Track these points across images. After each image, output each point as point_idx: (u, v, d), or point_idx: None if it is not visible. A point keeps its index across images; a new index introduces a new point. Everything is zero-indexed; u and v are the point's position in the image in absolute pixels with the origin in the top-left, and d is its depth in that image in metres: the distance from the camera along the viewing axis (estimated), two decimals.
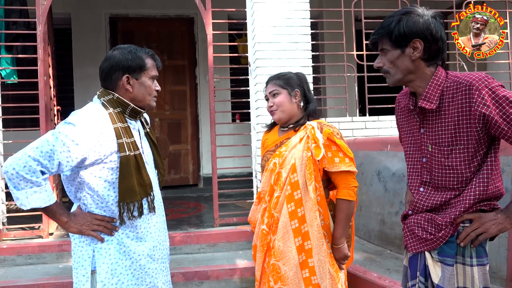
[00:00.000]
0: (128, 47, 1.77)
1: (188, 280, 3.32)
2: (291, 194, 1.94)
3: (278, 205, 1.97)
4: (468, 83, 1.46)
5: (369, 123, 4.34)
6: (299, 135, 2.00)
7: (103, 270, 1.68)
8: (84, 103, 1.83)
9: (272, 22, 3.98)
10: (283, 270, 1.92)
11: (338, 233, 1.96)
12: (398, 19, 1.52)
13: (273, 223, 1.97)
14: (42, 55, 3.87)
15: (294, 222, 1.93)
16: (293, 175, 1.94)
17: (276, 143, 2.09)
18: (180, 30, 6.82)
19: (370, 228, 3.33)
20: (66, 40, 6.63)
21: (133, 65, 1.73)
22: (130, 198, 1.67)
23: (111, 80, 1.75)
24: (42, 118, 3.83)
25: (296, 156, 1.95)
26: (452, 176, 1.50)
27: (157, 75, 1.82)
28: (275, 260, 1.95)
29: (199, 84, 6.84)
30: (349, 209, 1.97)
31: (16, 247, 3.60)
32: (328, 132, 1.96)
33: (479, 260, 1.49)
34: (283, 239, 1.94)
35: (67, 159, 1.58)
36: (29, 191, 1.56)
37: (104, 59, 1.79)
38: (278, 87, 2.06)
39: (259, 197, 2.11)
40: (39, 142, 1.57)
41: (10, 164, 1.54)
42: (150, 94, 1.79)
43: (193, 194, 6.29)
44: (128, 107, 1.75)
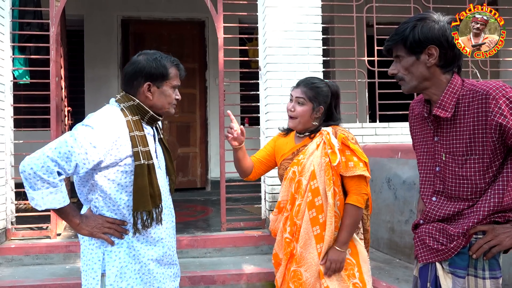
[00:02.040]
0: (154, 54, 1.77)
1: (194, 284, 3.30)
2: (312, 200, 1.93)
3: (300, 212, 1.97)
4: (485, 92, 1.43)
5: (380, 130, 4.30)
6: (315, 141, 2.00)
7: (113, 273, 1.67)
8: (95, 104, 1.84)
9: (283, 26, 3.97)
10: (304, 276, 1.93)
11: (343, 237, 1.93)
12: (413, 25, 1.50)
13: (296, 231, 1.97)
14: (55, 56, 3.90)
15: (316, 228, 1.93)
16: (313, 182, 1.94)
17: (293, 151, 2.08)
18: (191, 33, 6.85)
19: (379, 236, 3.29)
20: (78, 42, 6.70)
21: (156, 73, 1.73)
22: (143, 207, 1.67)
23: (133, 85, 1.75)
24: (52, 118, 3.86)
25: (314, 163, 1.94)
26: (466, 186, 1.48)
27: (179, 84, 1.81)
28: (296, 267, 1.95)
29: (208, 87, 6.86)
30: (357, 216, 1.95)
31: (24, 247, 3.61)
32: (342, 136, 1.94)
33: (492, 273, 1.46)
34: (305, 245, 1.94)
35: (84, 161, 1.57)
36: (45, 192, 1.55)
37: (129, 62, 1.78)
38: (306, 98, 2.01)
39: (278, 206, 2.09)
40: (57, 143, 1.57)
41: (28, 164, 1.53)
42: (169, 103, 1.79)
43: (201, 197, 6.28)
44: (147, 114, 1.75)
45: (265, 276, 3.38)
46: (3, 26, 3.84)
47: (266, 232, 3.93)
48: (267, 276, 3.36)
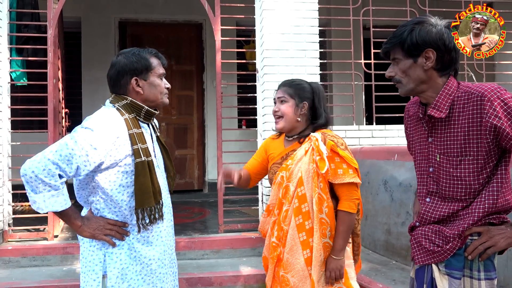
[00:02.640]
0: (130, 50, 1.79)
1: (192, 286, 3.31)
2: (298, 207, 1.94)
3: (287, 218, 1.98)
4: (480, 94, 1.44)
5: (376, 132, 4.32)
6: (304, 147, 2.00)
7: (114, 275, 1.68)
8: (92, 106, 1.85)
9: (280, 29, 3.99)
10: (292, 281, 1.93)
11: (339, 244, 1.94)
12: (411, 29, 1.51)
13: (283, 236, 1.98)
14: (52, 58, 3.90)
15: (302, 234, 1.93)
16: (300, 189, 1.95)
17: (282, 155, 2.08)
18: (188, 35, 6.86)
19: (376, 238, 3.31)
20: (75, 44, 6.69)
21: (139, 67, 1.74)
22: (147, 204, 1.68)
23: (120, 85, 1.76)
24: (50, 120, 3.86)
25: (302, 170, 1.95)
26: (460, 187, 1.49)
27: (165, 72, 1.83)
28: (284, 272, 1.96)
29: (206, 89, 6.87)
30: (351, 221, 1.96)
31: (21, 249, 3.61)
32: (331, 144, 1.93)
33: (487, 274, 1.47)
34: (291, 251, 1.94)
35: (85, 163, 1.58)
36: (47, 195, 1.55)
37: (110, 66, 1.79)
38: (287, 96, 2.04)
39: (268, 209, 2.11)
40: (57, 146, 1.57)
41: (29, 167, 1.53)
42: (161, 92, 1.80)
43: (198, 199, 6.28)
44: (142, 110, 1.76)
45: (262, 278, 3.38)
46: (0, 28, 3.84)
47: None
48: (264, 278, 3.34)
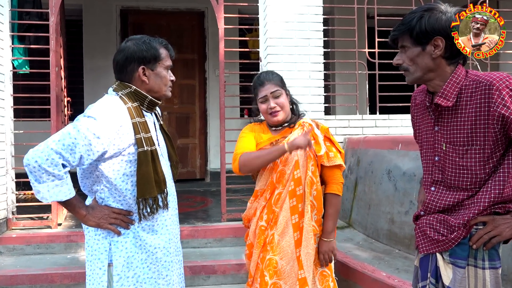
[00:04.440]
0: (141, 38, 1.76)
1: (195, 274, 3.33)
2: (293, 189, 1.99)
3: (280, 201, 2.01)
4: (488, 83, 1.42)
5: (380, 122, 4.31)
6: (296, 132, 2.03)
7: (120, 263, 1.68)
8: (94, 94, 1.83)
9: (284, 17, 3.95)
10: (280, 264, 1.96)
11: (329, 226, 2.03)
12: (420, 16, 1.48)
13: (273, 218, 2.02)
14: (55, 46, 3.88)
15: (295, 217, 1.99)
16: (296, 172, 2.00)
17: (272, 141, 2.09)
18: (190, 24, 6.81)
19: (379, 227, 3.32)
20: (76, 32, 6.65)
21: (148, 56, 1.72)
22: (149, 194, 1.67)
23: (126, 72, 1.73)
24: (53, 109, 3.85)
25: (298, 153, 1.99)
26: (466, 176, 1.48)
27: (172, 65, 1.81)
28: (272, 255, 1.97)
29: (208, 78, 6.84)
30: (339, 204, 2.07)
31: (25, 237, 3.63)
32: (324, 128, 2.06)
33: (492, 263, 1.47)
34: (282, 233, 1.98)
35: (88, 152, 1.57)
36: (51, 184, 1.55)
37: (117, 50, 1.77)
38: (280, 88, 2.06)
39: (255, 195, 2.13)
40: (60, 135, 1.56)
41: (32, 157, 1.52)
42: (166, 85, 1.78)
43: (200, 188, 6.30)
44: (146, 99, 1.74)
45: None
46: (2, 16, 3.81)
47: None
48: None
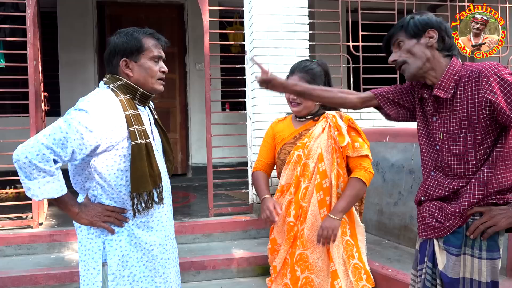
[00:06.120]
0: (126, 30, 1.71)
1: (185, 270, 3.28)
2: (320, 183, 1.95)
3: (307, 195, 1.98)
4: (478, 71, 1.49)
5: (364, 114, 4.34)
6: (320, 124, 2.02)
7: (114, 263, 1.63)
8: (71, 89, 1.78)
9: (270, 10, 3.92)
10: (311, 258, 1.95)
11: (340, 206, 1.91)
12: (412, 17, 1.61)
13: (302, 214, 1.98)
14: (32, 38, 3.72)
15: (323, 210, 1.95)
16: (321, 164, 1.97)
17: (295, 135, 2.09)
18: (169, 16, 6.68)
19: (368, 218, 3.36)
20: (51, 24, 6.40)
21: (129, 48, 1.66)
22: (143, 188, 1.62)
23: (113, 65, 1.69)
24: (31, 104, 3.69)
25: (322, 146, 1.97)
26: (459, 163, 1.53)
27: (160, 55, 1.72)
28: (303, 250, 1.96)
29: (188, 72, 6.74)
30: (360, 189, 1.96)
31: (5, 237, 3.49)
32: (348, 118, 2.01)
33: (490, 254, 1.51)
34: (312, 227, 1.95)
35: (81, 147, 1.51)
36: (42, 181, 1.48)
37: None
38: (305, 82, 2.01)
39: (281, 190, 2.09)
40: (51, 129, 1.49)
41: (22, 152, 1.45)
42: (152, 77, 1.70)
43: (182, 183, 6.22)
44: (137, 92, 1.69)
45: (255, 260, 3.39)
46: None
47: (254, 217, 3.94)
48: (257, 260, 3.38)
